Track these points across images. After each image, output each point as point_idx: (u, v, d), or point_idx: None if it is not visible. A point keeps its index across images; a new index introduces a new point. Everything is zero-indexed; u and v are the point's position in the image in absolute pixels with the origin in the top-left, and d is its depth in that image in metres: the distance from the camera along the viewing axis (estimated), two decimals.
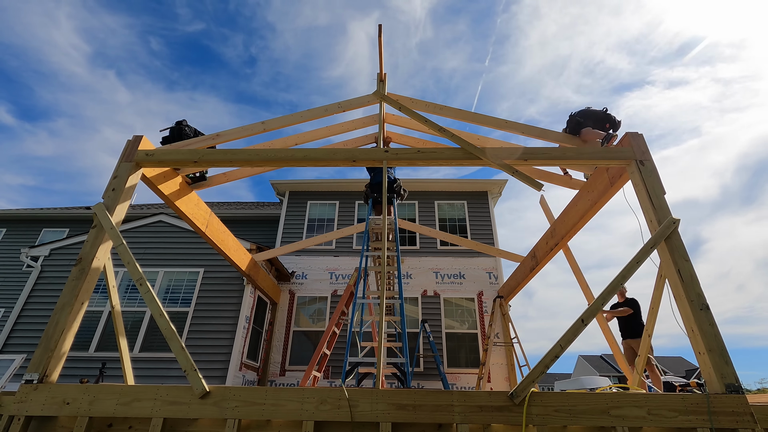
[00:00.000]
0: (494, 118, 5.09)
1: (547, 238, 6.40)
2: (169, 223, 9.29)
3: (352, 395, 3.03)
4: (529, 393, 2.98)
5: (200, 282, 8.52)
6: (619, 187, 4.44)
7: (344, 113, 5.52)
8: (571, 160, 4.22)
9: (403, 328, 5.00)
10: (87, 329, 7.92)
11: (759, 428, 2.79)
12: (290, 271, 10.00)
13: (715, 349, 3.09)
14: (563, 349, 3.22)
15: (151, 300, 3.44)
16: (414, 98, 5.47)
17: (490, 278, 9.89)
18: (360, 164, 4.48)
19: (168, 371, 7.42)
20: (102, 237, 3.77)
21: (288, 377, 8.79)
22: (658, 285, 3.86)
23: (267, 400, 3.02)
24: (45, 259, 8.87)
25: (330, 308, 9.62)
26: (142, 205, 14.72)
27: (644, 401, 2.94)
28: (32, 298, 8.44)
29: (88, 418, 2.98)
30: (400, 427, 2.96)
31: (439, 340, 9.11)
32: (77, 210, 12.80)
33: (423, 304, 9.63)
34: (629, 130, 4.44)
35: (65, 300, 3.48)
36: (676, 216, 3.62)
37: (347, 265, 10.19)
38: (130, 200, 4.19)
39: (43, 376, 3.20)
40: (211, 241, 6.05)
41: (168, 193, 4.80)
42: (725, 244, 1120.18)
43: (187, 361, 3.22)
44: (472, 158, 4.33)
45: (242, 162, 4.45)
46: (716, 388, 3.00)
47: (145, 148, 4.32)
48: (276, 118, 5.22)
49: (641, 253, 3.50)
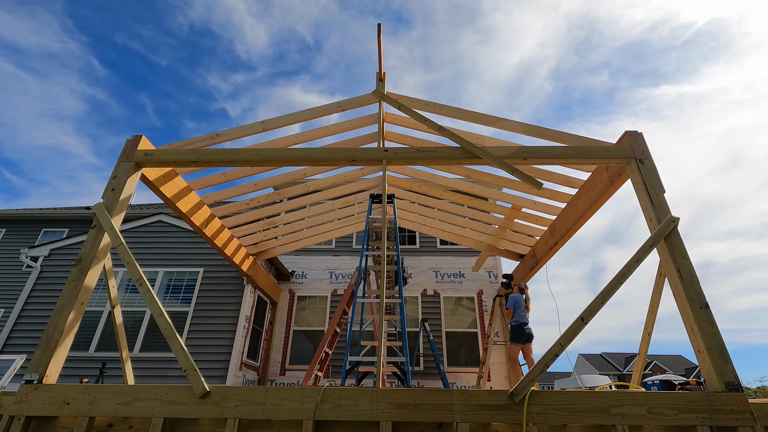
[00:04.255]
0: (494, 117, 5.09)
1: (547, 237, 6.41)
2: (168, 223, 9.29)
3: (353, 394, 3.03)
4: (529, 392, 2.98)
5: (200, 282, 8.51)
6: (618, 186, 4.44)
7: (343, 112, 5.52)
8: (571, 159, 4.22)
9: (403, 327, 5.00)
10: (87, 329, 7.92)
11: (759, 426, 2.79)
12: (290, 270, 10.00)
13: (714, 347, 3.10)
14: (563, 347, 3.23)
15: (151, 300, 3.44)
16: (413, 97, 5.47)
17: (490, 277, 9.90)
18: (359, 163, 4.48)
19: (168, 371, 7.42)
20: (101, 237, 3.76)
21: (288, 377, 8.80)
22: (658, 283, 3.87)
23: (267, 399, 3.03)
24: (45, 259, 8.87)
25: (330, 308, 9.62)
26: (141, 205, 14.71)
27: (644, 399, 2.94)
28: (32, 298, 8.44)
29: (88, 418, 2.98)
30: (401, 426, 2.97)
31: (439, 339, 9.11)
32: (77, 210, 12.79)
33: (423, 303, 9.63)
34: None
35: (65, 300, 3.48)
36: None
37: (347, 264, 10.19)
38: (130, 200, 4.19)
39: (43, 376, 3.20)
40: (211, 241, 6.05)
41: (168, 194, 4.80)
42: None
43: (187, 360, 3.22)
44: (471, 157, 4.33)
45: (242, 162, 4.44)
46: (716, 386, 3.00)
47: (145, 148, 4.31)
48: (275, 117, 5.21)
49: (641, 252, 3.50)
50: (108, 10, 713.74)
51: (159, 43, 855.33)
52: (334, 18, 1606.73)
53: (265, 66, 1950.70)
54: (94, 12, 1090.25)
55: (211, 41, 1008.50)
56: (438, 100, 5.77)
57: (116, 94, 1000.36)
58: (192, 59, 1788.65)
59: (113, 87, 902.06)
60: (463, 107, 5.71)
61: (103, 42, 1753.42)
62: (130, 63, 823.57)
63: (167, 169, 4.76)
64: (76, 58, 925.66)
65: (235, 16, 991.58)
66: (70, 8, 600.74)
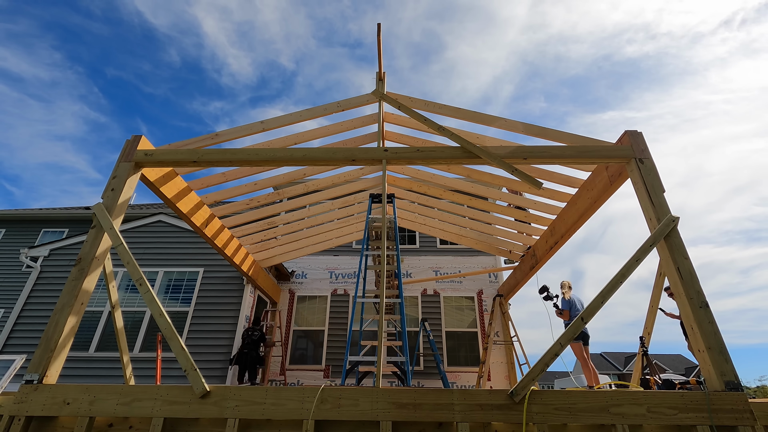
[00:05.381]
0: (494, 117, 5.08)
1: (547, 237, 6.40)
2: (168, 223, 9.29)
3: (353, 394, 3.03)
4: (529, 391, 2.98)
5: (200, 282, 8.52)
6: (618, 186, 4.43)
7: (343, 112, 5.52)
8: (571, 159, 4.22)
9: (403, 326, 5.00)
10: (87, 329, 7.92)
11: (759, 425, 2.79)
12: (290, 270, 9.99)
13: (714, 346, 3.10)
14: (563, 347, 3.23)
15: (150, 300, 3.44)
16: (413, 97, 5.46)
17: (489, 277, 9.90)
18: (359, 163, 4.47)
19: (168, 371, 7.42)
20: (101, 237, 3.76)
21: (288, 376, 8.80)
22: (658, 283, 3.87)
23: (267, 399, 3.02)
24: (44, 259, 8.87)
25: (330, 307, 9.62)
26: (141, 205, 14.71)
27: (644, 399, 2.94)
28: (32, 299, 8.44)
29: (88, 418, 2.98)
30: (401, 425, 2.97)
31: (439, 339, 9.12)
32: (76, 210, 12.79)
33: (423, 302, 9.63)
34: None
35: (65, 300, 3.48)
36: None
37: (347, 264, 10.19)
38: (130, 200, 4.18)
39: (43, 376, 3.20)
40: (211, 242, 6.05)
41: (168, 194, 4.79)
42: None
43: (188, 360, 3.21)
44: (471, 157, 4.33)
45: (241, 162, 4.44)
46: (716, 385, 3.00)
47: (144, 148, 4.30)
48: (275, 117, 5.21)
49: (641, 252, 3.49)
50: (101, 42, 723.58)
51: (153, 74, 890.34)
52: (312, 51, 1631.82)
53: (248, 92, 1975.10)
54: (86, 47, 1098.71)
55: (197, 75, 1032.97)
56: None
57: (114, 117, 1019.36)
58: (181, 89, 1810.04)
59: (111, 111, 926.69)
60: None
61: (98, 72, 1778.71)
62: (125, 91, 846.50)
63: (167, 169, 4.76)
64: (75, 86, 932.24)
65: (219, 51, 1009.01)
66: (69, 45, 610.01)
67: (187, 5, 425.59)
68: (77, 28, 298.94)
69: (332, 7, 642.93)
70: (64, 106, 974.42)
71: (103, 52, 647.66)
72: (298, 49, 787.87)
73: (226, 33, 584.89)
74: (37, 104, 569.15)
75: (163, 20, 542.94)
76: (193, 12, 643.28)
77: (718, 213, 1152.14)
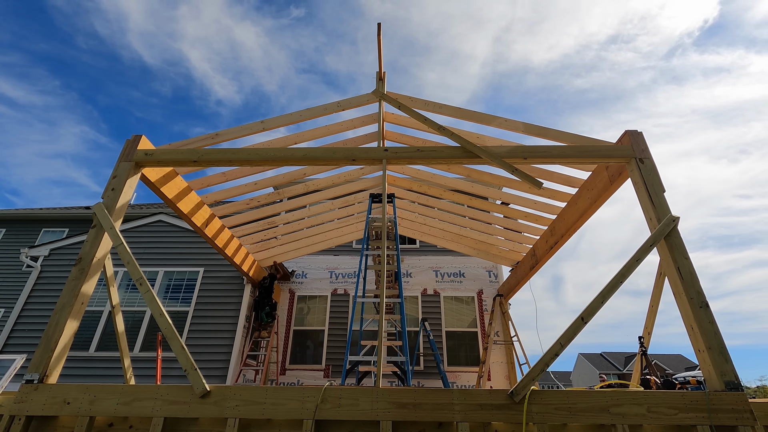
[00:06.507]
0: (494, 117, 5.09)
1: (547, 237, 6.40)
2: (168, 223, 9.29)
3: (353, 394, 3.03)
4: (529, 391, 2.98)
5: (200, 281, 8.52)
6: (618, 185, 4.43)
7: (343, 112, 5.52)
8: (571, 159, 4.22)
9: (403, 326, 5.00)
10: (87, 329, 7.92)
11: (759, 425, 2.79)
12: (290, 270, 9.99)
13: (714, 346, 3.10)
14: (563, 347, 3.23)
15: (151, 300, 3.44)
16: (413, 97, 5.46)
17: (490, 277, 9.89)
18: (359, 163, 4.47)
19: (168, 371, 7.42)
20: (101, 237, 3.76)
21: (288, 376, 8.79)
22: (658, 283, 3.87)
23: (267, 399, 3.03)
24: (45, 259, 8.87)
25: (330, 307, 9.62)
26: (141, 205, 14.71)
27: (644, 399, 2.94)
28: (32, 298, 8.44)
29: (88, 418, 2.99)
30: (401, 425, 2.97)
31: (439, 339, 9.11)
32: (77, 210, 12.79)
33: (423, 302, 9.63)
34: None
35: (65, 300, 3.48)
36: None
37: (347, 264, 10.18)
38: (130, 200, 4.18)
39: (43, 376, 3.20)
40: (212, 241, 6.05)
41: (169, 194, 4.79)
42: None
43: (188, 360, 3.22)
44: (471, 157, 4.33)
45: (241, 161, 4.43)
46: (716, 385, 3.00)
47: (145, 148, 4.30)
48: (275, 117, 5.21)
49: (641, 251, 3.49)
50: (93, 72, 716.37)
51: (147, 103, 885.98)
52: (292, 79, 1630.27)
53: (235, 114, 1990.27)
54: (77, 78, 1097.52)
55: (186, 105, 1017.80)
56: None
57: (113, 136, 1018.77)
58: (174, 115, 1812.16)
59: (109, 131, 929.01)
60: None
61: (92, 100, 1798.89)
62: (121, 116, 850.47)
63: (168, 169, 4.76)
64: (74, 109, 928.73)
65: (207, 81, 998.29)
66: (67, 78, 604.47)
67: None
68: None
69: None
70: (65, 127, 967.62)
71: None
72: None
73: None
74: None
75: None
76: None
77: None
